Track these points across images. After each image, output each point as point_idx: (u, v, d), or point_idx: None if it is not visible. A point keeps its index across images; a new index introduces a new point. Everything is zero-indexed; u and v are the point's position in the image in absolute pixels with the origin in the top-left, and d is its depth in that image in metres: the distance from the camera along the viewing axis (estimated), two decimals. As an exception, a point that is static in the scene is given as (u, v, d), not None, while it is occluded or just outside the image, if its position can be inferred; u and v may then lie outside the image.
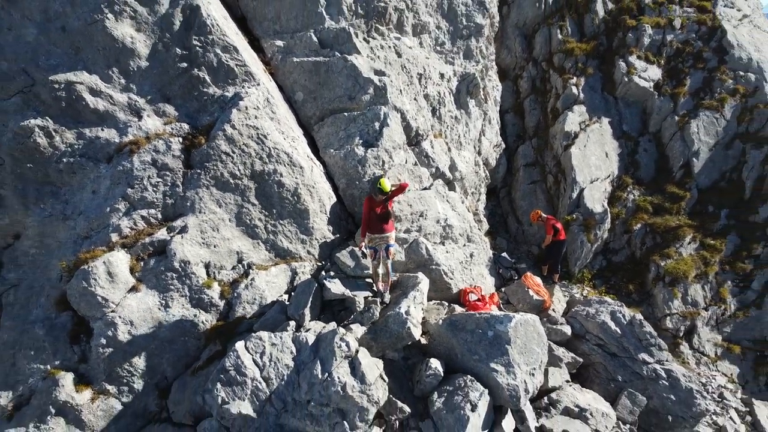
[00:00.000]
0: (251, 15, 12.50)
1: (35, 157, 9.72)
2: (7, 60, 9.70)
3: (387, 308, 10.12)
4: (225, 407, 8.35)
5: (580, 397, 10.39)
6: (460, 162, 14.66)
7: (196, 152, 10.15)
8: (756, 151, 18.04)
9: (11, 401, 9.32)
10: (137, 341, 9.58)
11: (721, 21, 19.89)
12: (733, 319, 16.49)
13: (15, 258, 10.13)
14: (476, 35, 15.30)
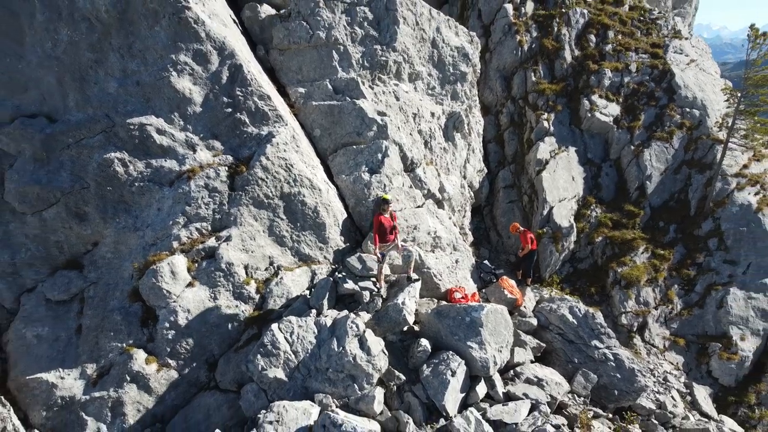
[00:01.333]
0: (278, 67, 14.24)
1: (113, 182, 11.48)
2: (93, 107, 11.55)
3: (387, 300, 11.93)
4: (263, 373, 10.18)
5: (539, 371, 12.13)
6: (447, 185, 16.23)
7: (238, 178, 11.96)
8: (699, 176, 19.74)
9: (95, 371, 11.07)
10: (192, 325, 11.32)
11: (670, 65, 21.54)
12: (679, 317, 18.07)
13: (94, 261, 11.87)
14: (461, 80, 16.84)
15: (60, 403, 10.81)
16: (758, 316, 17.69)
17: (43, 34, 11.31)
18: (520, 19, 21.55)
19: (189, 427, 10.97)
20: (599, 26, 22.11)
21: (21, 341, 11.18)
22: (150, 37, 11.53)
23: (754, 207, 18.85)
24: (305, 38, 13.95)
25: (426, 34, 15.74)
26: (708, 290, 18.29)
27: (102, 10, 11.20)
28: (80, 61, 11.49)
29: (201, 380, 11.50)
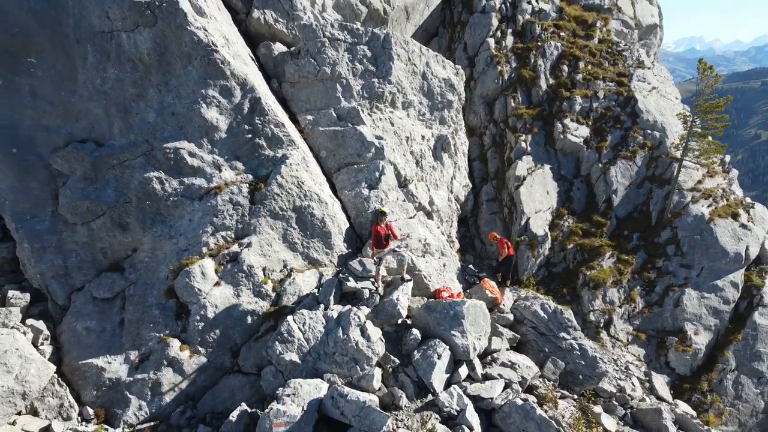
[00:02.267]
0: (290, 98, 15.53)
1: (152, 197, 12.74)
2: (135, 134, 12.89)
3: (384, 297, 13.18)
4: (281, 357, 11.49)
5: (513, 357, 13.38)
6: (436, 199, 17.31)
7: (257, 193, 13.25)
8: (659, 190, 20.73)
9: (137, 357, 12.30)
10: (219, 318, 12.52)
11: (634, 92, 22.52)
12: (641, 315, 18.99)
13: (134, 264, 13.11)
14: (448, 107, 17.96)
15: (108, 384, 11.99)
16: (710, 314, 18.76)
17: (93, 73, 12.68)
18: (501, 52, 22.67)
19: (216, 405, 12.19)
20: (571, 58, 23.14)
21: (72, 333, 12.43)
22: (184, 75, 12.92)
23: (706, 217, 19.92)
24: (313, 73, 15.32)
25: (417, 68, 17.11)
26: (666, 291, 19.29)
27: (144, 53, 12.61)
28: (124, 95, 12.84)
29: (226, 365, 12.69)
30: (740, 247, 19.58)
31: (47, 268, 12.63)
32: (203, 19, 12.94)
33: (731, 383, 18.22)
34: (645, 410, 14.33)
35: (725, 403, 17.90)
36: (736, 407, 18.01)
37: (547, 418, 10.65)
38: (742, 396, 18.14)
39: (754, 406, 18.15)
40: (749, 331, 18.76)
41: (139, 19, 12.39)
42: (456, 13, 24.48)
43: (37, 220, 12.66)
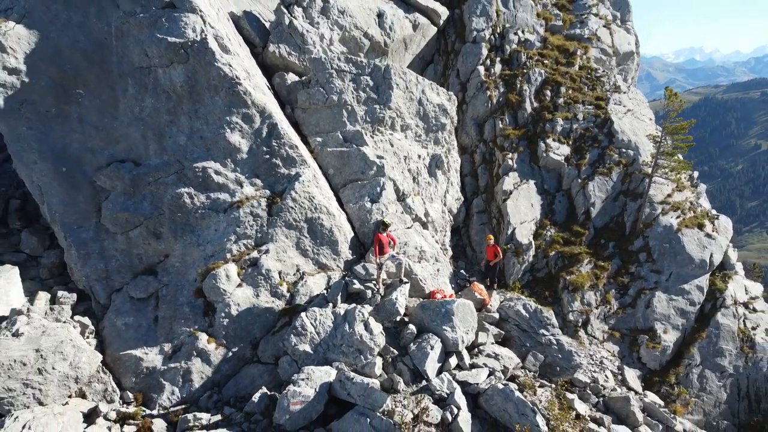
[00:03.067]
0: (301, 122, 16.62)
1: (182, 210, 13.89)
2: (168, 155, 14.14)
3: (384, 297, 14.36)
4: (295, 348, 12.70)
5: (497, 349, 14.55)
6: (431, 211, 18.28)
7: (274, 207, 14.42)
8: (633, 203, 21.64)
9: (170, 349, 13.42)
10: (241, 315, 13.65)
11: (610, 114, 23.50)
12: (615, 315, 19.91)
13: (166, 268, 14.28)
14: (441, 129, 18.92)
15: (145, 372, 13.10)
16: (677, 314, 19.75)
17: (132, 102, 13.94)
18: (490, 78, 23.76)
19: (239, 390, 13.29)
20: (554, 83, 24.16)
21: (113, 328, 13.55)
22: (211, 104, 14.17)
23: (675, 228, 20.91)
24: (322, 100, 16.52)
25: (414, 95, 18.30)
26: (638, 294, 20.26)
27: (177, 86, 13.89)
28: (159, 121, 14.08)
29: (247, 355, 13.82)
30: (705, 254, 20.60)
31: (91, 272, 13.78)
32: (228, 56, 14.26)
33: (696, 377, 19.24)
34: (615, 398, 15.47)
35: (691, 394, 18.91)
36: (701, 398, 19.03)
37: (523, 399, 11.86)
38: (707, 388, 19.17)
39: (717, 398, 19.21)
40: (713, 330, 19.81)
41: (174, 57, 13.70)
42: (450, 43, 25.72)
43: (82, 230, 13.84)
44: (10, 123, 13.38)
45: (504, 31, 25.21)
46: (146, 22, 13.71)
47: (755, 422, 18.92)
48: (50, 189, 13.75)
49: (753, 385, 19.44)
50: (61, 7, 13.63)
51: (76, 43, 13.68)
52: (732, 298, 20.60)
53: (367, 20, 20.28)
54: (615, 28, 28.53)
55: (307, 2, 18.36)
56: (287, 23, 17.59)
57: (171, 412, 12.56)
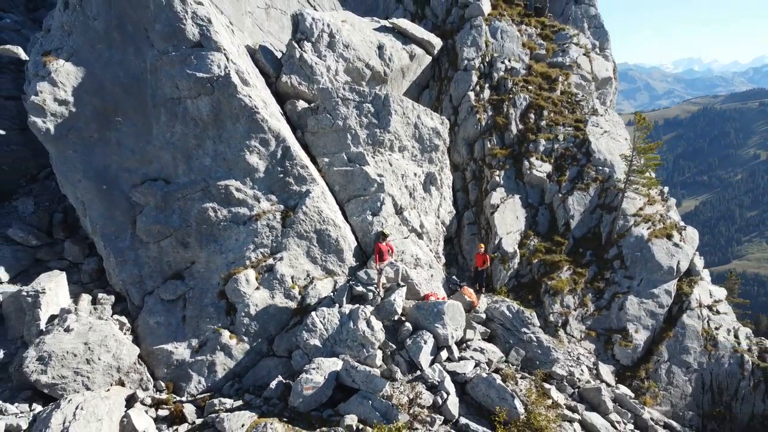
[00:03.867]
0: (310, 144, 17.71)
1: (207, 222, 15.08)
2: (195, 174, 15.38)
3: (384, 299, 15.56)
4: (307, 342, 13.90)
5: (483, 345, 15.70)
6: (426, 223, 19.33)
7: (287, 219, 15.63)
8: (608, 216, 22.68)
9: (197, 344, 14.46)
10: (259, 315, 14.74)
11: (588, 135, 24.55)
12: (592, 316, 20.95)
13: (192, 274, 15.42)
14: (435, 150, 19.95)
15: (175, 364, 14.17)
16: (648, 316, 20.83)
17: (164, 129, 15.22)
18: (479, 102, 24.97)
19: (257, 380, 14.32)
20: (537, 107, 25.26)
21: (146, 326, 14.67)
22: (233, 130, 15.47)
23: (645, 238, 22.01)
24: (329, 125, 17.77)
25: (410, 120, 19.52)
26: (613, 297, 21.32)
27: (204, 114, 15.19)
28: (187, 145, 15.36)
29: (263, 350, 14.87)
30: (673, 262, 21.74)
31: (127, 277, 14.85)
32: (248, 88, 15.59)
33: (664, 372, 20.32)
34: (589, 389, 16.65)
35: (660, 388, 20.00)
36: (668, 391, 20.12)
37: (504, 386, 13.08)
38: (674, 382, 20.27)
39: (683, 391, 20.33)
40: (679, 329, 20.88)
41: (201, 90, 15.01)
42: (443, 70, 27.05)
43: (119, 240, 14.98)
44: (59, 147, 14.69)
45: (492, 60, 26.48)
46: (177, 60, 15.02)
47: (717, 412, 20.07)
48: (92, 204, 14.94)
49: (715, 380, 20.57)
50: (104, 47, 14.99)
51: (116, 78, 15.01)
52: (697, 301, 21.70)
53: (369, 52, 21.63)
54: (594, 56, 29.82)
55: (316, 37, 19.70)
56: (298, 56, 18.89)
57: (198, 399, 13.61)
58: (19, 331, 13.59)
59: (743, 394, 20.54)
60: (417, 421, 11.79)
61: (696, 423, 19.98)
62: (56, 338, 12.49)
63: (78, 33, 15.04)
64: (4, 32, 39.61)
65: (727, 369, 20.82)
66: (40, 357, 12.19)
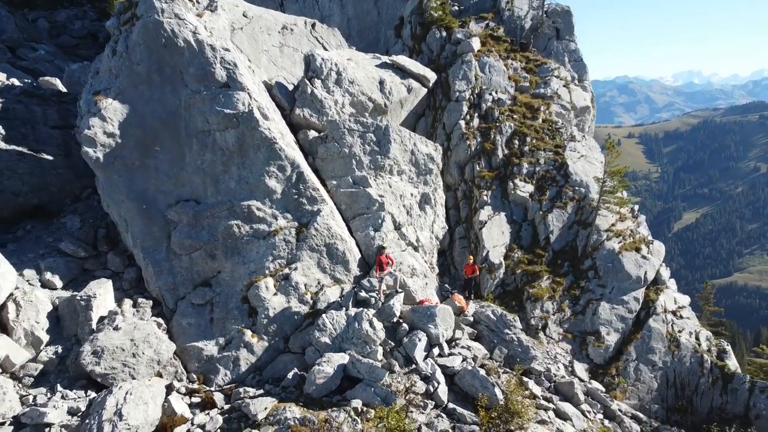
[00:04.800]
0: (320, 169, 19.03)
1: (232, 237, 16.56)
2: (222, 196, 16.87)
3: (384, 303, 16.99)
4: (318, 340, 15.34)
5: (470, 343, 17.08)
6: (421, 237, 20.69)
7: (301, 235, 17.11)
8: (583, 231, 23.66)
9: (224, 341, 15.80)
10: (276, 317, 16.15)
11: (567, 159, 25.60)
12: (569, 320, 21.92)
13: (218, 281, 16.82)
14: (429, 173, 21.36)
15: (204, 359, 15.59)
16: (618, 320, 21.91)
17: (196, 157, 16.81)
18: (469, 130, 26.24)
19: (275, 373, 15.68)
20: (521, 134, 26.35)
21: (179, 326, 16.05)
22: (255, 158, 17.06)
23: (616, 251, 23.07)
24: (336, 152, 19.25)
25: (407, 147, 21.05)
26: (587, 303, 22.38)
27: (230, 144, 16.79)
28: (215, 171, 16.92)
29: (280, 347, 16.27)
30: (641, 272, 22.86)
31: (163, 284, 16.35)
32: (268, 122, 17.24)
33: (633, 370, 21.40)
34: (563, 383, 18.05)
35: (628, 383, 21.10)
36: (636, 387, 21.28)
37: (486, 377, 14.53)
38: (641, 378, 21.44)
39: (649, 386, 21.53)
40: (646, 332, 21.92)
41: (228, 124, 16.65)
42: (437, 100, 28.51)
43: (156, 252, 16.50)
44: (106, 173, 16.33)
45: (481, 92, 27.94)
46: (208, 98, 16.70)
47: (680, 406, 21.34)
48: (133, 221, 16.54)
49: (678, 377, 21.83)
50: (145, 87, 16.70)
51: (155, 113, 16.69)
52: (662, 307, 22.92)
53: (371, 87, 23.29)
54: (573, 87, 31.34)
55: (325, 75, 21.39)
56: (309, 92, 20.51)
57: (225, 388, 15.06)
58: (72, 330, 15.06)
59: (703, 390, 21.77)
60: (412, 405, 13.28)
61: (661, 415, 21.12)
62: (107, 335, 14.03)
63: (124, 75, 16.75)
64: (39, 63, 41.51)
65: (688, 367, 22.00)
66: (94, 351, 13.73)
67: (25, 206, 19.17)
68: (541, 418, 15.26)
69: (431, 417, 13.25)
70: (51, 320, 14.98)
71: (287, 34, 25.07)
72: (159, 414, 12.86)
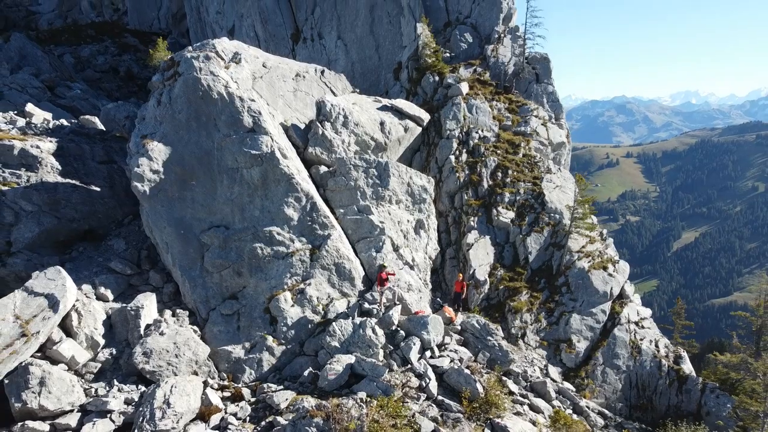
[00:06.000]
0: (330, 199, 20.66)
1: (256, 257, 18.34)
2: (247, 222, 18.73)
3: (384, 314, 18.76)
4: (329, 344, 17.09)
5: (457, 348, 18.73)
6: (416, 258, 22.38)
7: (314, 255, 18.77)
8: (558, 252, 25.57)
9: (249, 346, 17.42)
10: (293, 325, 17.78)
11: (543, 189, 27.44)
12: (545, 330, 23.54)
13: (244, 295, 18.67)
14: (423, 202, 22.85)
15: (233, 360, 17.17)
16: (587, 329, 23.64)
17: (226, 189, 18.72)
18: (458, 164, 28.09)
19: (293, 372, 17.18)
20: (503, 167, 28.18)
21: (211, 333, 17.64)
22: (275, 190, 18.96)
23: (586, 269, 24.80)
24: (344, 185, 21.06)
25: (404, 180, 22.95)
26: (561, 315, 24.08)
27: (255, 179, 18.78)
28: (242, 201, 18.88)
29: (297, 351, 17.79)
30: (607, 288, 24.65)
31: (197, 297, 18.07)
32: (286, 160, 19.26)
33: (600, 372, 23.07)
34: (537, 383, 19.78)
35: (596, 384, 22.80)
36: (603, 387, 22.96)
37: (470, 375, 16.25)
38: (607, 380, 23.13)
39: (614, 387, 23.20)
40: (611, 340, 23.64)
41: (253, 162, 18.65)
42: (431, 137, 30.64)
43: (192, 270, 18.28)
44: (151, 203, 18.26)
45: (469, 130, 30.07)
46: (237, 140, 18.75)
47: (641, 404, 22.98)
48: (173, 244, 18.37)
49: (640, 379, 23.51)
50: (184, 132, 18.75)
51: (192, 153, 18.68)
52: (626, 318, 24.68)
53: (373, 128, 25.33)
54: (550, 125, 33.52)
55: (333, 119, 23.44)
56: (320, 133, 22.47)
57: (251, 385, 16.73)
58: (123, 335, 16.85)
59: (661, 390, 23.44)
60: (407, 396, 15.09)
61: (624, 412, 22.73)
62: (154, 339, 15.86)
63: (167, 122, 18.82)
64: (76, 101, 43.78)
65: (648, 370, 23.67)
66: (144, 352, 15.55)
67: (78, 231, 21.06)
68: (517, 410, 17.02)
69: (423, 406, 15.04)
70: (105, 327, 16.74)
71: (300, 80, 27.20)
72: (198, 404, 14.57)
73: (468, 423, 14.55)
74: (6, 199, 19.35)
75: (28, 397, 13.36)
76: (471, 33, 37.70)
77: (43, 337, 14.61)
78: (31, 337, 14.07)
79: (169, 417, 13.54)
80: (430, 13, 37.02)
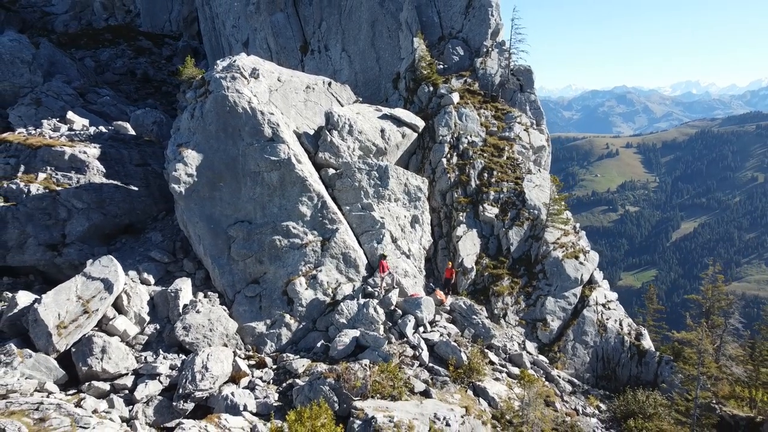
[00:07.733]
0: (337, 197, 22.39)
1: (275, 248, 20.12)
2: (267, 218, 20.63)
3: (384, 296, 20.60)
4: (338, 320, 18.86)
5: (446, 325, 20.40)
6: (412, 248, 24.26)
7: (324, 246, 20.55)
8: (536, 243, 26.82)
9: (270, 322, 19.14)
10: (307, 305, 19.45)
11: (524, 188, 28.49)
12: (523, 311, 24.74)
13: (265, 280, 20.54)
14: (418, 200, 24.52)
15: (256, 335, 18.90)
16: (561, 310, 25.05)
17: (249, 190, 20.47)
18: (449, 166, 29.43)
19: (307, 345, 18.84)
20: (489, 168, 29.33)
21: (237, 312, 19.32)
22: (291, 190, 20.66)
23: (560, 258, 26.06)
24: (349, 185, 22.83)
25: (401, 181, 24.77)
26: (537, 298, 25.43)
27: (274, 181, 20.53)
28: (263, 200, 20.63)
29: (310, 327, 19.41)
30: (578, 274, 26.06)
31: (225, 282, 19.84)
32: (301, 165, 20.99)
33: (570, 347, 24.59)
34: (515, 354, 21.56)
35: (567, 358, 24.38)
36: (573, 360, 24.59)
37: (456, 346, 18.12)
38: (576, 354, 24.77)
39: (583, 360, 24.88)
40: (581, 320, 25.08)
41: (273, 167, 20.40)
42: (425, 142, 32.06)
43: (221, 259, 20.08)
44: (186, 202, 20.00)
45: (459, 136, 31.50)
46: (258, 148, 20.50)
47: (606, 375, 24.79)
48: (204, 237, 20.15)
49: (605, 353, 25.20)
50: (214, 141, 20.49)
51: (221, 159, 20.42)
52: (595, 301, 26.25)
53: (374, 134, 27.01)
54: (532, 131, 34.96)
55: (340, 127, 25.13)
56: (329, 140, 24.14)
57: (272, 355, 18.60)
58: (164, 313, 18.63)
59: (623, 363, 25.16)
60: (403, 363, 16.95)
61: (591, 381, 24.37)
62: (192, 316, 17.68)
63: (199, 133, 20.55)
64: (106, 107, 45.30)
65: (613, 346, 25.31)
66: (184, 327, 17.37)
67: (120, 225, 22.88)
68: (496, 376, 18.89)
69: (417, 371, 16.90)
70: (149, 306, 18.52)
71: (310, 91, 28.88)
72: (230, 369, 16.42)
73: (453, 384, 16.42)
74: (60, 198, 21.12)
75: (92, 362, 15.19)
76: (462, 46, 39.12)
77: (100, 314, 16.41)
78: (92, 314, 15.89)
79: (207, 379, 15.36)
80: (425, 27, 38.50)
